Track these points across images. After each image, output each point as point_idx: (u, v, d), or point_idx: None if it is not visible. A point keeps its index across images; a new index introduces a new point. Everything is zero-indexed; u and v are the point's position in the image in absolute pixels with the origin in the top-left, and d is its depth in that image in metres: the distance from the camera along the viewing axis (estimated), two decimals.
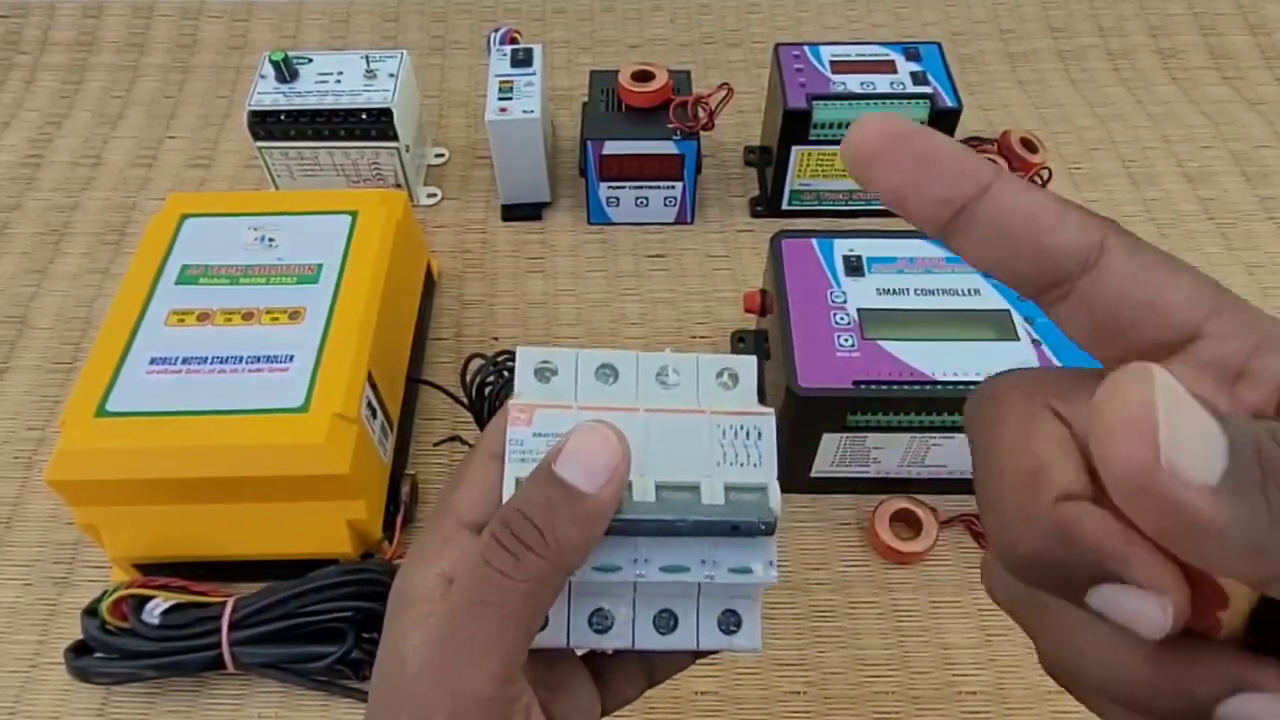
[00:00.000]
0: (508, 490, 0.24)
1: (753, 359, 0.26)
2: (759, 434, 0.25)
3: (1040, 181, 0.63)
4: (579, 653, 0.27)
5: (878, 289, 0.47)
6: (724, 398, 0.26)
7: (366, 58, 0.61)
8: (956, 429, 0.45)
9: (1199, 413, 0.14)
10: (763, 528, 0.24)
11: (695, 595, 0.25)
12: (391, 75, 0.60)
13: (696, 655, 0.28)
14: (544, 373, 0.26)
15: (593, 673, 0.27)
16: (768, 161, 0.63)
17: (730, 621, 0.26)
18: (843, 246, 0.48)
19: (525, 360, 0.26)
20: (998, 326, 0.45)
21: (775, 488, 0.24)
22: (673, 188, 0.61)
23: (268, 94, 0.59)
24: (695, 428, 0.25)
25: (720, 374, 0.26)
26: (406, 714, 0.22)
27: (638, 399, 0.25)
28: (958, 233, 0.17)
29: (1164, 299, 0.17)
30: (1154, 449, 0.13)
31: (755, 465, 0.25)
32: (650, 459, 0.24)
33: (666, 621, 0.25)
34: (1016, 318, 0.45)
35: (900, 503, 0.48)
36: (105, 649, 0.42)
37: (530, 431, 0.24)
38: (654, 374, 0.26)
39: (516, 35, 0.63)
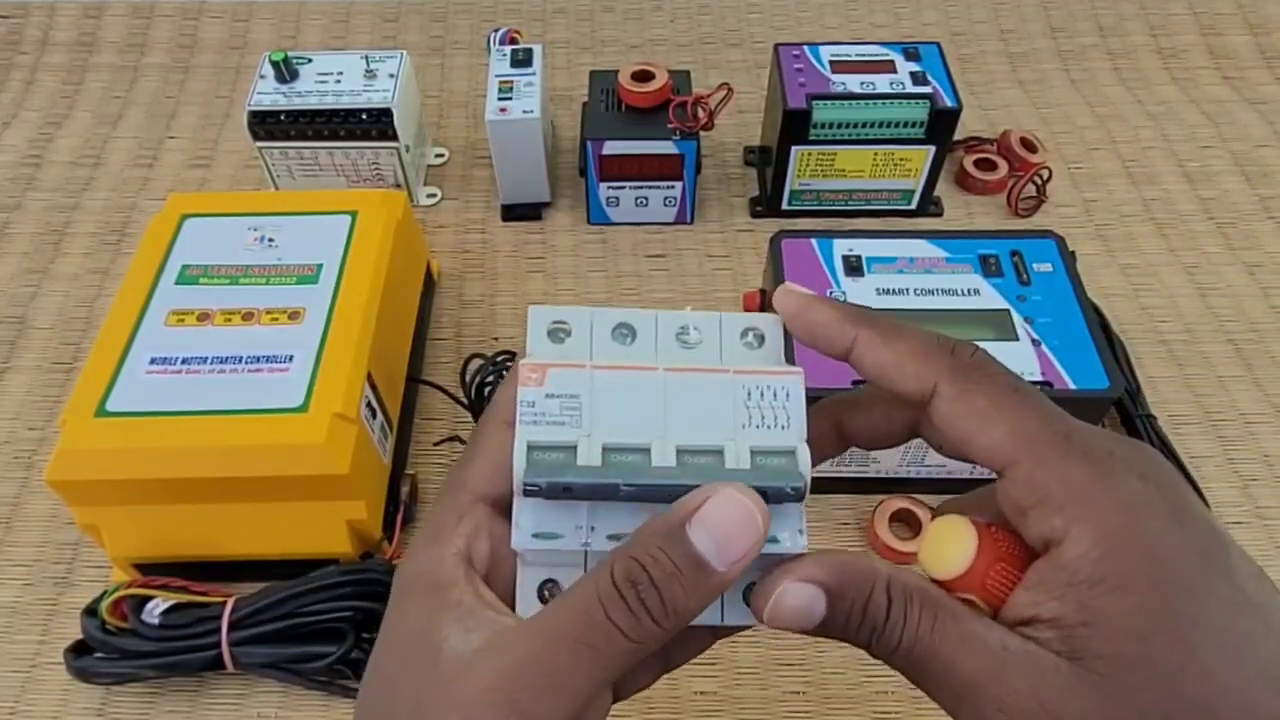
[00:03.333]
0: (518, 455, 0.22)
1: (778, 317, 0.25)
2: (787, 394, 0.24)
3: (1041, 181, 0.63)
4: None
5: (877, 289, 0.47)
6: (749, 358, 0.24)
7: (366, 58, 0.61)
8: None
9: None
10: (790, 493, 0.22)
11: None
12: (391, 75, 0.60)
13: (716, 635, 0.27)
14: (558, 333, 0.24)
15: None
16: (767, 161, 0.63)
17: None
18: (842, 246, 0.48)
19: (538, 320, 0.24)
20: (997, 326, 0.45)
21: (805, 451, 0.23)
22: (672, 188, 0.61)
23: (268, 94, 0.59)
24: (719, 388, 0.23)
25: (745, 333, 0.25)
26: (457, 714, 0.21)
27: (657, 360, 0.24)
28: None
29: (971, 443, 0.23)
30: None
31: (783, 428, 0.23)
32: (671, 422, 0.23)
33: None
34: (1016, 318, 0.45)
35: (900, 503, 0.48)
36: (105, 649, 0.42)
37: (543, 392, 0.23)
38: (674, 333, 0.24)
39: (516, 35, 0.63)
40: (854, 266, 0.47)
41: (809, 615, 0.23)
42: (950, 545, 0.23)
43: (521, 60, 0.60)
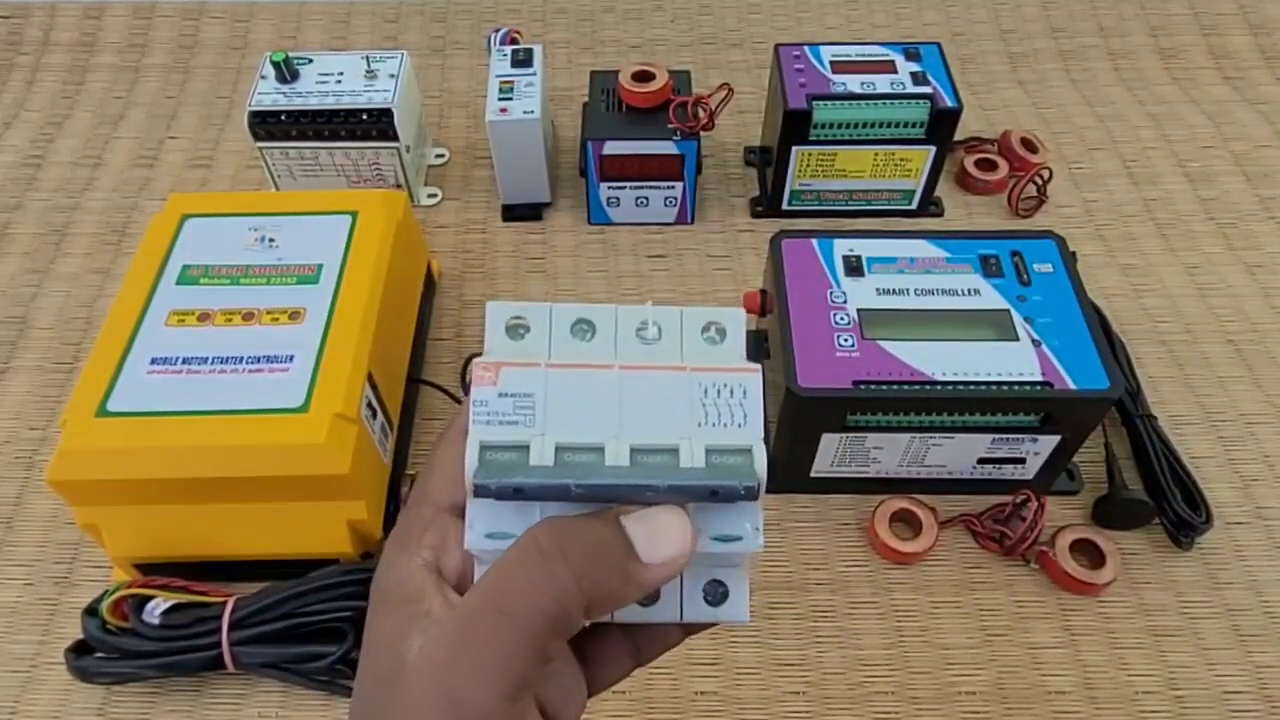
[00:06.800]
0: (470, 455, 0.22)
1: (741, 311, 0.24)
2: (744, 392, 0.23)
3: (1041, 181, 0.63)
4: None
5: (877, 289, 0.47)
6: (710, 354, 0.24)
7: (367, 58, 0.61)
8: (956, 429, 0.45)
9: None
10: (743, 492, 0.22)
11: None
12: (392, 76, 0.60)
13: (687, 631, 0.27)
14: (516, 329, 0.24)
15: (577, 653, 0.26)
16: (768, 161, 0.63)
17: (716, 592, 0.24)
18: (843, 246, 0.48)
19: (496, 316, 0.24)
20: (997, 326, 0.45)
21: (761, 449, 0.22)
22: (673, 188, 0.61)
23: (268, 94, 0.59)
24: (675, 386, 0.23)
25: (706, 328, 0.24)
26: (399, 716, 0.21)
27: (616, 357, 0.24)
28: None
29: None
30: None
31: (740, 426, 0.23)
32: (626, 420, 0.22)
33: (649, 594, 0.24)
34: (1016, 318, 0.45)
35: (900, 503, 0.48)
36: (106, 649, 0.42)
37: (495, 391, 0.22)
38: (634, 329, 0.24)
39: (517, 35, 0.63)
40: (854, 266, 0.47)
41: None
42: None
43: (522, 60, 0.60)
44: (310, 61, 0.61)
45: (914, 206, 0.63)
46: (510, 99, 0.58)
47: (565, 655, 0.25)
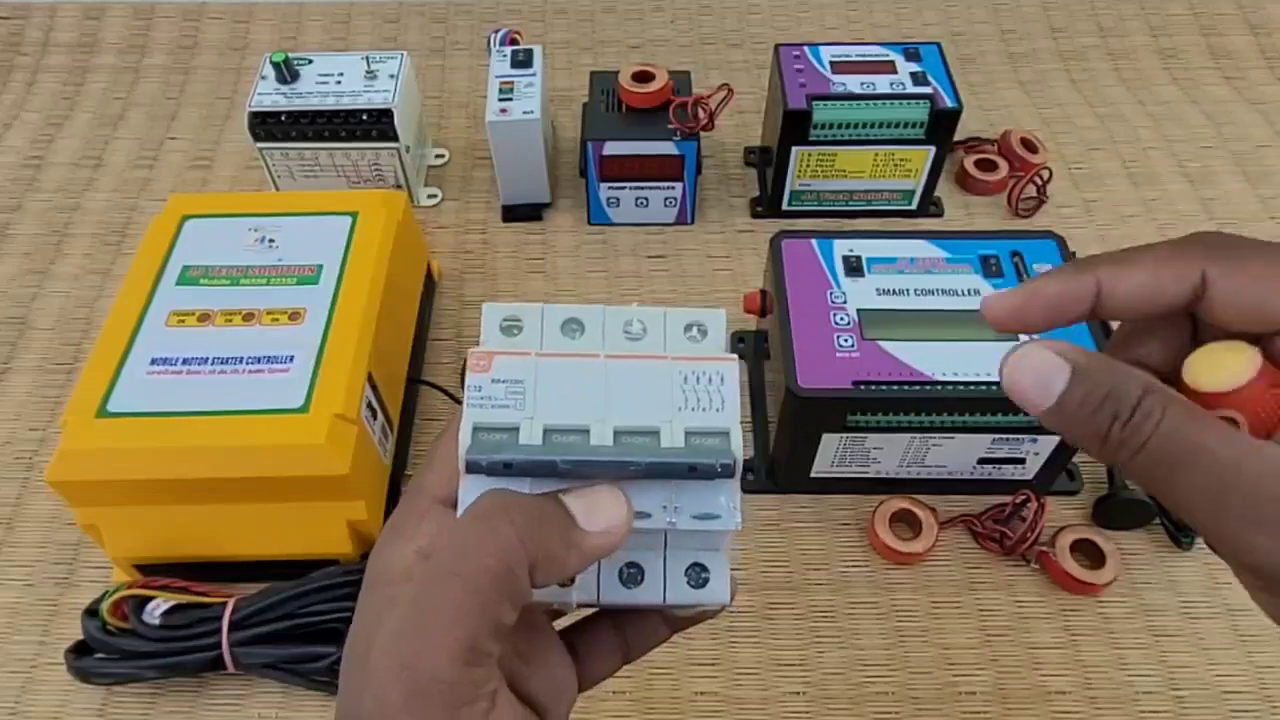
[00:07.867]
0: (463, 434, 0.23)
1: (721, 311, 0.26)
2: (721, 379, 0.25)
3: (1041, 181, 0.63)
4: (557, 626, 0.27)
5: (877, 289, 0.47)
6: (691, 350, 0.26)
7: (367, 59, 0.61)
8: (956, 429, 0.45)
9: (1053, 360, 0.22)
10: (720, 469, 0.23)
11: (662, 549, 0.25)
12: (392, 76, 0.60)
13: (675, 627, 0.27)
14: (510, 328, 0.25)
15: (567, 647, 0.26)
16: (768, 162, 0.63)
17: (698, 576, 0.25)
18: (842, 247, 0.48)
19: (491, 316, 0.26)
20: None
21: (737, 431, 0.24)
22: (673, 188, 0.61)
23: (268, 95, 0.59)
24: (657, 373, 0.25)
25: (689, 328, 0.26)
26: (369, 694, 0.21)
27: (603, 349, 0.25)
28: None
29: (1267, 306, 0.23)
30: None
31: (718, 410, 0.24)
32: (611, 405, 0.24)
33: (633, 576, 0.25)
34: None
35: (900, 503, 0.48)
36: (106, 649, 0.42)
37: (489, 378, 0.24)
38: (621, 328, 0.26)
39: (517, 36, 0.63)
40: (854, 267, 0.47)
41: (1046, 384, 0.22)
42: (1228, 359, 0.23)
43: (522, 61, 0.60)
44: (310, 62, 0.61)
45: (914, 207, 0.63)
46: (510, 99, 0.58)
47: (558, 648, 0.26)
